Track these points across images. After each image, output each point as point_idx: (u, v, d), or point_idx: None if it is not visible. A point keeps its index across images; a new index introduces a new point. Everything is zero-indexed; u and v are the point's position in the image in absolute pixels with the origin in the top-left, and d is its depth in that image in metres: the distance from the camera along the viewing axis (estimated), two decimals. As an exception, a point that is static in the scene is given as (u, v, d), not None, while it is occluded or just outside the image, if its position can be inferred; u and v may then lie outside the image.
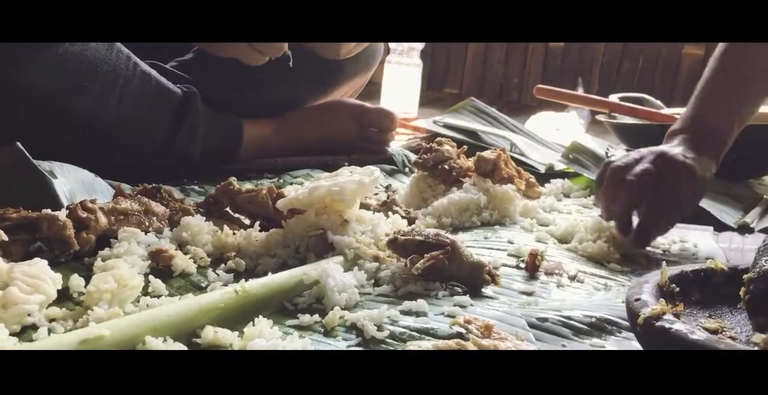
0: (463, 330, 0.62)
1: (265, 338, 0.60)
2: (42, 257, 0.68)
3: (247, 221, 0.87)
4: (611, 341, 0.66)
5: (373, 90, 1.73)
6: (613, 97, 1.63)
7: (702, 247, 0.97)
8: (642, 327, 0.55)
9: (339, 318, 0.65)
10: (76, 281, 0.67)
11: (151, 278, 0.70)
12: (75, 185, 0.87)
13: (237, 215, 0.88)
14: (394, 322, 0.65)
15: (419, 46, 1.90)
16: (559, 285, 0.79)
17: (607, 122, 1.50)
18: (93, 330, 0.55)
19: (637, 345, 0.62)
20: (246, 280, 0.68)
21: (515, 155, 1.33)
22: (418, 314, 0.67)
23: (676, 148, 0.93)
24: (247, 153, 1.20)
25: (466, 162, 1.10)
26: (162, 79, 1.10)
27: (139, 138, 1.06)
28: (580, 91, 1.91)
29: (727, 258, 0.94)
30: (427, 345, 0.59)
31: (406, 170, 1.30)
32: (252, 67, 1.11)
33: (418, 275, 0.73)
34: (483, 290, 0.75)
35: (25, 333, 0.60)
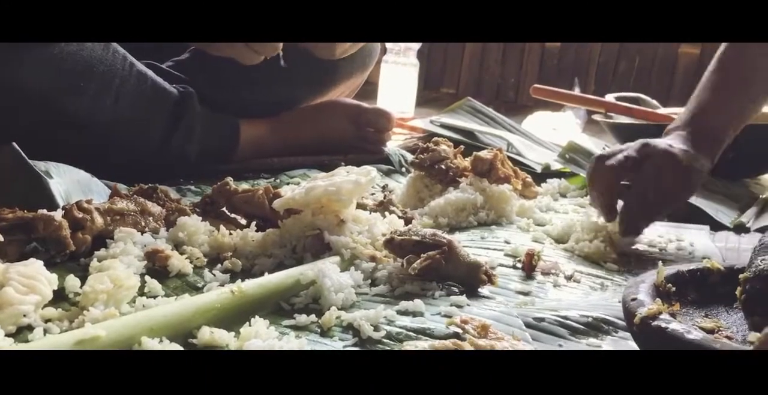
0: (459, 330, 0.62)
1: (261, 338, 0.60)
2: (38, 257, 0.68)
3: (243, 221, 0.87)
4: (608, 341, 0.66)
5: (369, 90, 1.72)
6: (610, 97, 1.63)
7: (698, 246, 0.97)
8: (638, 326, 0.55)
9: (336, 318, 0.65)
10: (72, 281, 0.67)
11: (147, 278, 0.70)
12: (71, 185, 0.87)
13: (233, 215, 0.88)
14: (390, 322, 0.65)
15: (416, 46, 1.90)
16: (555, 285, 0.79)
17: (604, 122, 1.50)
18: (89, 331, 0.55)
19: (633, 344, 0.62)
20: (242, 280, 0.68)
21: (512, 155, 1.33)
22: (415, 314, 0.67)
23: (666, 141, 0.94)
24: (244, 153, 1.20)
25: (463, 162, 1.10)
26: (158, 79, 1.09)
27: (135, 138, 1.06)
28: (577, 91, 1.91)
29: (724, 258, 0.94)
30: (423, 345, 0.59)
31: (403, 170, 1.30)
32: (248, 66, 1.11)
33: (415, 275, 0.73)
34: (480, 290, 0.75)
35: (20, 333, 0.60)
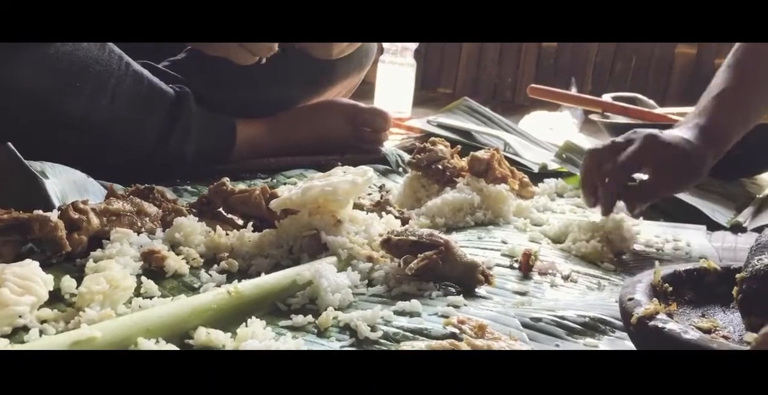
0: (456, 330, 0.62)
1: (258, 339, 0.59)
2: (33, 258, 0.68)
3: (240, 221, 0.87)
4: (605, 340, 0.66)
5: (366, 90, 1.72)
6: (607, 97, 1.63)
7: (695, 246, 0.97)
8: (635, 326, 0.55)
9: (332, 318, 0.65)
10: (68, 282, 0.67)
11: (143, 279, 0.70)
12: (67, 186, 0.87)
13: (230, 215, 0.88)
14: (387, 322, 0.65)
15: (413, 45, 1.90)
16: (552, 285, 0.79)
17: (600, 122, 1.51)
18: (85, 332, 0.55)
19: (630, 344, 0.62)
20: (239, 281, 0.68)
21: (509, 155, 1.33)
22: (412, 314, 0.67)
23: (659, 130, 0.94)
24: (241, 153, 1.20)
25: (460, 162, 1.10)
26: (154, 79, 1.09)
27: (132, 138, 1.06)
28: (574, 91, 1.91)
29: (720, 258, 0.94)
30: (420, 345, 0.59)
31: (400, 169, 1.30)
32: (244, 66, 1.11)
33: (412, 275, 0.73)
34: (476, 290, 0.75)
35: (16, 334, 0.59)
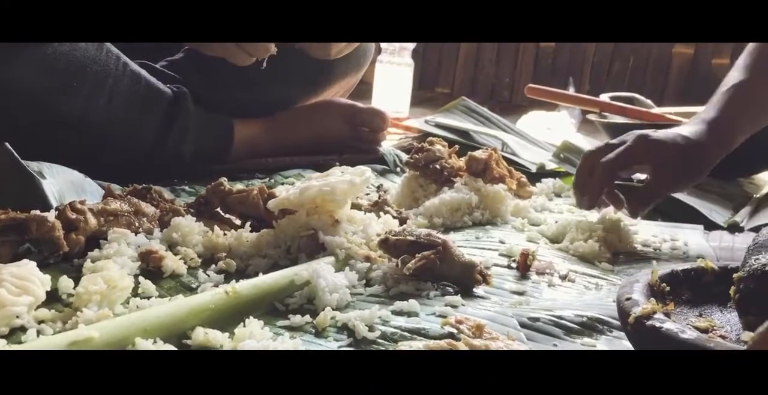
0: (454, 330, 0.62)
1: (255, 339, 0.59)
2: (31, 258, 0.68)
3: (237, 221, 0.87)
4: (602, 340, 0.66)
5: (364, 90, 1.72)
6: (604, 97, 1.63)
7: (692, 246, 0.97)
8: (633, 326, 0.55)
9: (330, 318, 0.65)
10: (65, 282, 0.67)
11: (140, 279, 0.69)
12: (64, 186, 0.87)
13: (228, 215, 0.88)
14: (385, 322, 0.65)
15: (410, 45, 1.90)
16: (550, 285, 0.79)
17: (598, 122, 1.51)
18: (82, 332, 0.55)
19: (628, 344, 0.62)
20: (237, 281, 0.68)
21: (506, 155, 1.33)
22: (410, 314, 0.67)
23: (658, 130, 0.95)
24: (238, 153, 1.20)
25: (458, 162, 1.10)
26: (152, 79, 1.09)
27: (129, 138, 1.06)
28: (571, 91, 1.91)
29: (718, 257, 0.94)
30: (418, 345, 0.59)
31: (398, 169, 1.30)
32: (242, 67, 1.10)
33: (410, 275, 0.73)
34: (474, 290, 0.75)
35: (13, 334, 0.59)
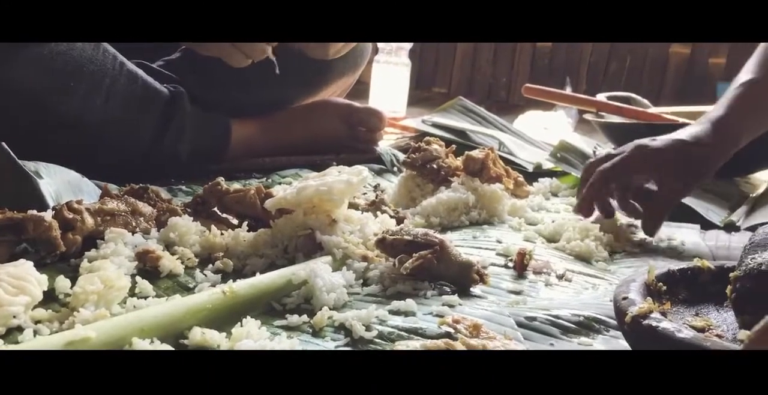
0: (451, 330, 0.62)
1: (253, 339, 0.59)
2: (28, 258, 0.67)
3: (235, 221, 0.87)
4: (599, 339, 0.66)
5: (361, 89, 1.72)
6: (601, 97, 1.63)
7: (689, 245, 0.97)
8: (629, 325, 0.55)
9: (327, 318, 0.65)
10: (62, 282, 0.67)
11: (138, 279, 0.69)
12: (61, 186, 0.87)
13: (225, 215, 0.88)
14: (382, 322, 0.65)
15: (408, 45, 1.90)
16: (547, 284, 0.79)
17: (595, 121, 1.51)
18: (79, 332, 0.55)
19: (624, 343, 0.62)
20: (234, 280, 0.68)
21: (503, 154, 1.33)
22: (407, 313, 0.67)
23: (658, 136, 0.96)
24: (235, 153, 1.20)
25: (455, 161, 1.10)
26: (149, 79, 1.09)
27: (126, 138, 1.06)
28: (568, 91, 1.91)
29: (714, 257, 0.94)
30: (415, 344, 0.59)
31: (395, 169, 1.30)
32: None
33: (407, 274, 0.73)
34: (471, 289, 0.75)
35: (10, 335, 0.59)
